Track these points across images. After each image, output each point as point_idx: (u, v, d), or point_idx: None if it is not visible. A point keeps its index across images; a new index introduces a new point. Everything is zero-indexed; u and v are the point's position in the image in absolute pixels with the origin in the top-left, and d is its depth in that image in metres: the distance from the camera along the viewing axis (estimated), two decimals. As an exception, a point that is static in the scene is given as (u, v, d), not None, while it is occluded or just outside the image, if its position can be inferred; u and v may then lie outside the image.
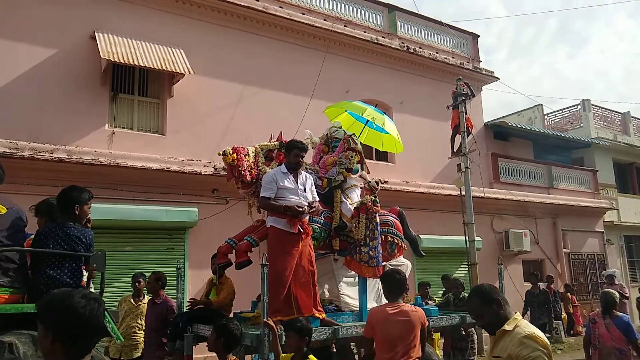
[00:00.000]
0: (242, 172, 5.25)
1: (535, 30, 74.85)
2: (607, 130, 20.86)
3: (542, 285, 13.38)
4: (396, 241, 6.10)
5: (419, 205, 13.15)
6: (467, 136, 12.13)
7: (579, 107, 21.18)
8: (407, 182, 13.10)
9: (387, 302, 4.53)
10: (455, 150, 12.53)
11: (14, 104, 8.91)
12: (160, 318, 6.33)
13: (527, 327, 2.79)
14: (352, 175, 6.01)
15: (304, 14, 12.52)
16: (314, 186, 5.28)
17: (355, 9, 13.94)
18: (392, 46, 13.90)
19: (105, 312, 3.42)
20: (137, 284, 7.05)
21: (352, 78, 13.01)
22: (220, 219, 9.47)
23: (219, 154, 5.27)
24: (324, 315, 5.10)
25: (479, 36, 16.77)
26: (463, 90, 11.94)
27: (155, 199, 9.55)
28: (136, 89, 10.40)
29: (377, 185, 6.19)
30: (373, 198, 5.72)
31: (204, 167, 9.98)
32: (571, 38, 75.50)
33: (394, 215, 6.36)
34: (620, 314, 6.06)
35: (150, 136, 10.19)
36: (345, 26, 13.21)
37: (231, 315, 5.83)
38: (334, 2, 13.54)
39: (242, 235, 5.43)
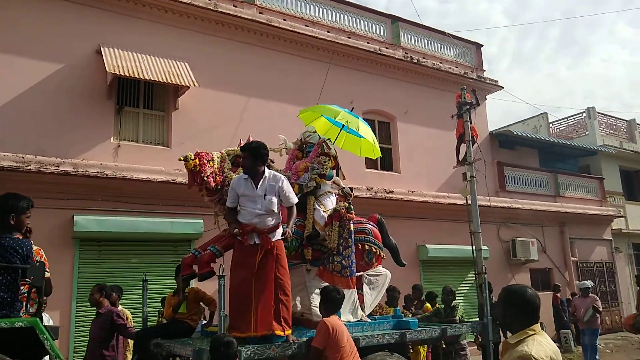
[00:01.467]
0: (205, 178, 5.02)
1: (537, 40, 75.02)
2: (612, 138, 20.78)
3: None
4: (374, 250, 5.78)
5: (425, 215, 13.13)
6: (472, 145, 12.10)
7: (584, 115, 21.12)
8: (412, 192, 13.07)
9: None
10: (460, 159, 12.46)
11: (21, 118, 8.99)
12: (105, 328, 6.04)
13: (531, 345, 2.42)
14: (326, 182, 5.75)
15: (307, 26, 12.60)
16: (288, 190, 4.80)
17: (358, 20, 14.03)
18: (396, 57, 13.95)
19: (44, 328, 3.30)
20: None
21: (356, 89, 13.04)
22: (225, 230, 9.47)
23: (180, 160, 5.04)
24: (289, 331, 4.69)
25: (482, 46, 16.81)
26: (467, 100, 11.92)
27: (161, 211, 9.57)
28: (141, 102, 10.48)
29: (351, 192, 5.95)
30: (347, 205, 5.46)
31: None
32: (573, 47, 75.60)
33: (372, 223, 6.07)
34: None
35: (156, 148, 10.24)
36: (349, 37, 13.28)
37: (197, 328, 5.62)
38: (338, 14, 13.63)
39: (207, 245, 5.23)
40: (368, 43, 13.64)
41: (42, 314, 6.51)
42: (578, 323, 11.48)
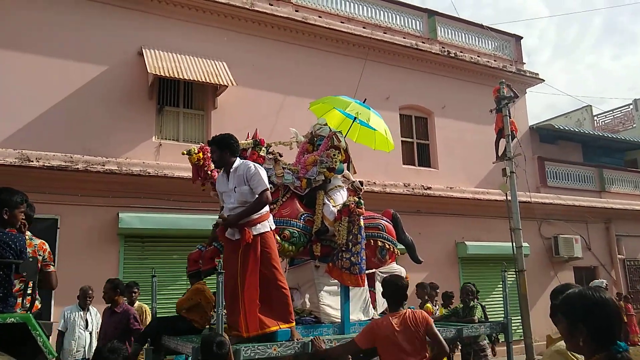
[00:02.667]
0: (209, 172, 4.86)
1: (579, 29, 72.58)
2: (661, 131, 19.96)
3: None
4: (387, 246, 5.56)
5: (464, 212, 12.97)
6: (512, 140, 11.87)
7: (631, 107, 20.39)
8: (450, 188, 12.91)
9: (389, 312, 4.24)
10: (499, 154, 12.26)
11: (69, 119, 9.35)
12: (120, 327, 5.94)
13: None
14: (336, 176, 5.56)
15: (343, 23, 12.61)
16: (255, 176, 4.42)
17: (394, 15, 13.94)
18: (433, 51, 13.80)
19: (37, 324, 3.24)
20: (132, 294, 6.86)
21: (393, 84, 12.98)
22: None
23: (184, 154, 4.91)
24: (286, 325, 4.44)
25: (521, 38, 16.43)
26: (506, 93, 11.70)
27: (202, 208, 9.75)
28: (181, 102, 10.73)
29: (362, 186, 5.73)
30: (357, 200, 5.25)
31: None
32: (617, 36, 72.77)
33: (386, 219, 5.83)
34: None
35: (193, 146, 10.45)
36: (385, 33, 13.22)
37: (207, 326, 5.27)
38: (373, 10, 13.58)
39: (213, 241, 5.12)
40: (404, 38, 13.54)
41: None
42: None
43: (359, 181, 5.78)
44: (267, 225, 4.50)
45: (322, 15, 12.36)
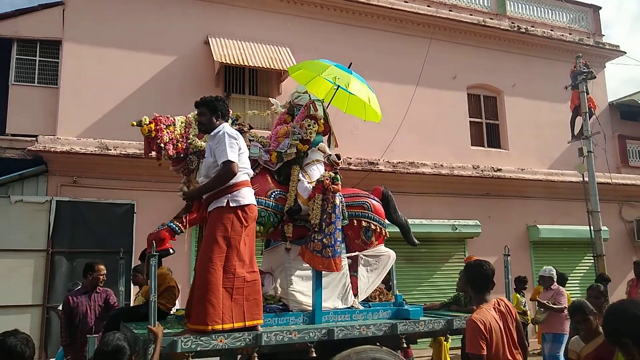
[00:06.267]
0: (163, 145, 4.42)
1: (669, -4, 66.76)
2: None
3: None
4: (373, 227, 4.96)
5: (536, 194, 12.47)
6: (590, 117, 11.23)
7: None
8: (522, 170, 12.42)
9: (479, 301, 3.56)
10: (575, 133, 11.67)
11: (142, 108, 9.71)
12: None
13: None
14: (314, 149, 5.00)
15: (406, 2, 12.31)
16: (220, 144, 3.99)
17: (460, -9, 13.44)
18: (502, 27, 13.21)
19: None
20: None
21: (459, 63, 12.58)
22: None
23: (133, 125, 4.47)
24: (241, 324, 3.88)
25: (600, 8, 15.37)
26: (583, 68, 11.05)
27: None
28: (247, 89, 10.93)
29: (339, 160, 5.15)
30: (333, 175, 4.66)
31: (312, 160, 10.23)
32: None
33: (374, 198, 5.22)
34: None
35: (261, 133, 10.63)
36: (450, 10, 12.79)
37: (173, 311, 5.06)
38: (438, -13, 13.16)
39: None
40: (471, 15, 13.04)
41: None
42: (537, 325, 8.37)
43: (336, 154, 5.16)
44: (223, 201, 3.93)
45: (384, -5, 12.13)
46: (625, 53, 14.99)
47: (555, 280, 7.90)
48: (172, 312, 5.01)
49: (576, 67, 11.22)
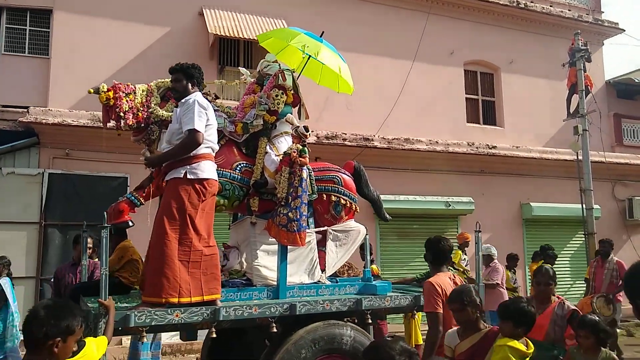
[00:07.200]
0: (122, 114, 4.24)
1: (670, -27, 65.98)
2: None
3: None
4: (343, 201, 4.85)
5: (530, 172, 12.51)
6: (586, 96, 11.18)
7: None
8: (517, 147, 12.42)
9: (436, 272, 3.89)
10: (571, 111, 11.63)
11: (135, 80, 9.44)
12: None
13: None
14: (284, 121, 4.86)
15: (404, -25, 12.10)
16: (186, 112, 3.88)
17: (459, -36, 13.20)
18: (501, 2, 13.03)
19: None
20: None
21: (457, 39, 12.45)
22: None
23: (90, 92, 4.31)
24: (199, 298, 3.78)
25: (600, -17, 15.17)
26: (581, 46, 10.95)
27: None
28: (242, 61, 10.78)
29: (307, 132, 4.97)
30: (300, 147, 4.55)
31: (307, 135, 10.17)
32: None
33: (345, 172, 5.10)
34: None
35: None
36: (449, -16, 12.59)
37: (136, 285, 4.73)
38: (437, -41, 12.91)
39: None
40: (470, -11, 12.86)
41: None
42: None
43: (304, 126, 4.96)
44: (181, 171, 3.83)
45: (382, -32, 11.90)
46: (624, 31, 14.87)
47: (495, 258, 7.95)
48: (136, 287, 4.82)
49: (574, 44, 11.12)
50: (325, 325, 4.16)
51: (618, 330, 7.81)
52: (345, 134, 10.59)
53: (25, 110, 8.78)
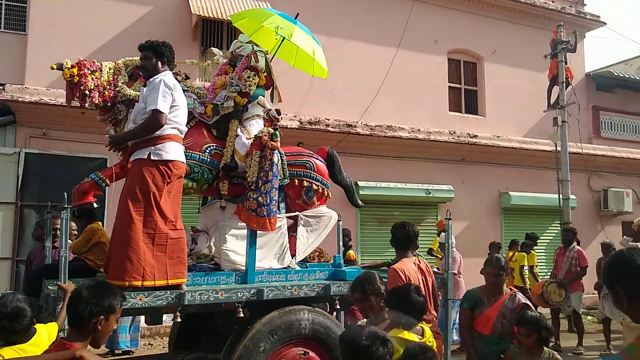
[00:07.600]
0: (87, 92, 4.10)
1: (652, -32, 66.77)
2: None
3: None
4: (315, 187, 4.84)
5: (510, 161, 12.67)
6: (566, 87, 11.33)
7: (700, 53, 18.89)
8: (498, 137, 12.55)
9: (401, 258, 3.94)
10: (552, 102, 11.78)
11: (113, 59, 9.44)
12: None
13: None
14: (256, 103, 4.79)
15: (391, -40, 12.02)
16: (152, 92, 3.78)
17: (446, -48, 13.17)
18: (486, -9, 13.07)
19: None
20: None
21: (441, 27, 12.46)
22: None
23: (53, 68, 4.12)
24: (163, 282, 3.73)
25: (584, -24, 15.28)
26: (564, 38, 11.06)
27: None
28: (225, 43, 10.63)
29: (279, 115, 4.90)
30: (272, 131, 4.48)
31: (290, 120, 10.11)
32: (695, -25, 66.61)
33: (318, 157, 5.07)
34: None
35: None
36: (435, -29, 12.56)
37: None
38: (424, -54, 12.84)
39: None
40: (456, -23, 12.84)
41: None
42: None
43: (276, 110, 4.90)
44: (145, 152, 3.74)
45: (369, -47, 11.80)
46: (606, 24, 15.04)
47: (453, 246, 7.84)
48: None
49: (556, 35, 11.23)
50: (281, 313, 4.13)
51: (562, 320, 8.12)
52: (329, 119, 10.57)
53: (1, 87, 8.56)
